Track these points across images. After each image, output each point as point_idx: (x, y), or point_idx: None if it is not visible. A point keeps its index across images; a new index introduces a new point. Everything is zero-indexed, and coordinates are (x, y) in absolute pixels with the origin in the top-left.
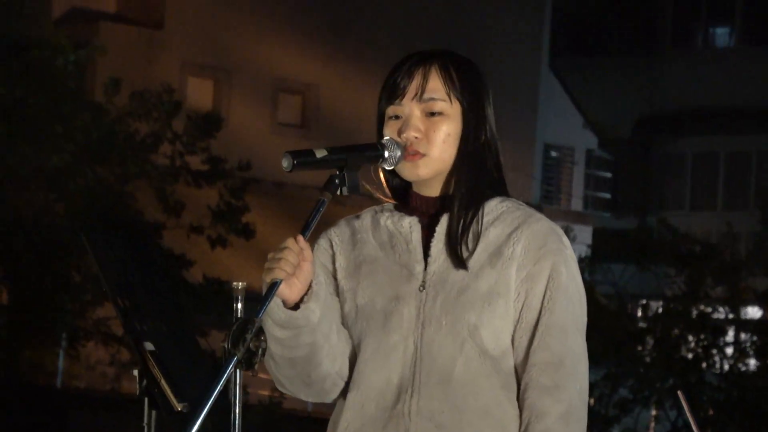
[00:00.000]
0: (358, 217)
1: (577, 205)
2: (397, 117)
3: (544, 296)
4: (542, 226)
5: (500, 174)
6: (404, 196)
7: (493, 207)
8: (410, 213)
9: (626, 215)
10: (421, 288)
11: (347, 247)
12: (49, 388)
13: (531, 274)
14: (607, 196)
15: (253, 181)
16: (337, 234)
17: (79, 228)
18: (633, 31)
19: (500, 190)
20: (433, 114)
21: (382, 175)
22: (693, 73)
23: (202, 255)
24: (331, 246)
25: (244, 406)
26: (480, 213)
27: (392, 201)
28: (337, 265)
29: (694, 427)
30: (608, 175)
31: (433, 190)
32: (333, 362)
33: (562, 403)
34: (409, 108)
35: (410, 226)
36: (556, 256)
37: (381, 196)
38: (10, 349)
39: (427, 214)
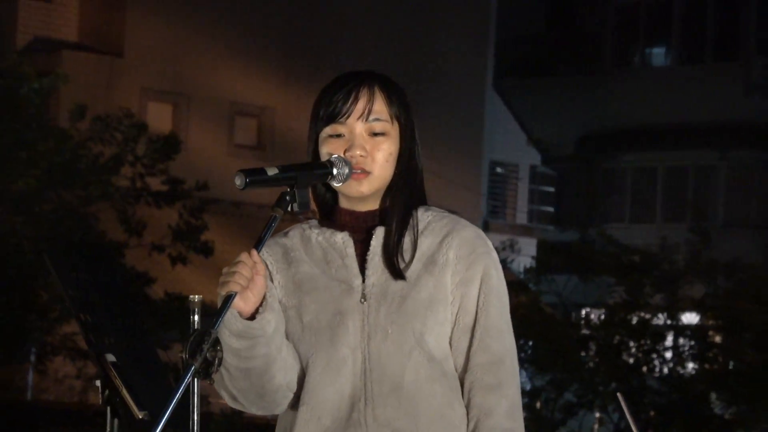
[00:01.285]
0: (286, 234)
1: (522, 218)
2: (338, 135)
3: (478, 299)
4: (470, 232)
5: (423, 187)
6: (330, 212)
7: (420, 217)
8: (339, 228)
9: (569, 228)
10: (362, 300)
11: (283, 266)
12: (20, 402)
13: (464, 279)
14: (551, 210)
15: (212, 201)
16: (270, 254)
17: (43, 250)
18: (574, 52)
19: (423, 201)
20: (375, 134)
21: (311, 191)
22: (632, 91)
23: (164, 272)
24: (267, 267)
25: (206, 416)
26: (413, 224)
27: (317, 217)
28: (276, 283)
29: (634, 429)
30: (552, 189)
31: (369, 206)
32: (285, 374)
33: (507, 399)
34: (353, 127)
35: (343, 241)
36: (485, 260)
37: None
38: None
39: (359, 228)
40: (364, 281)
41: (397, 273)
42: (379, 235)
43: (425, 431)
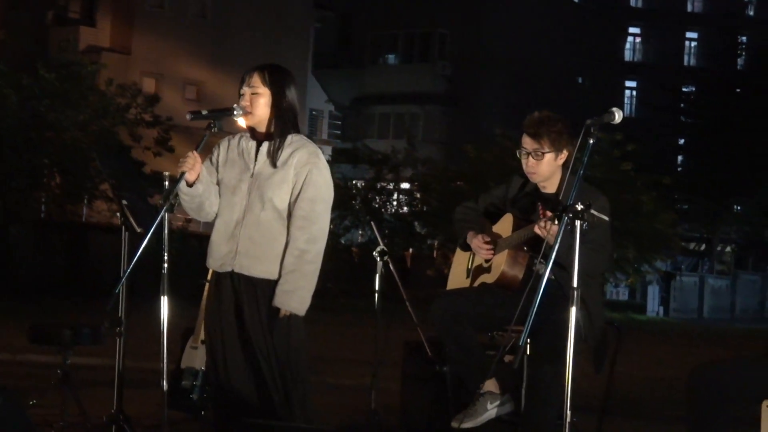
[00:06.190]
0: (232, 138)
1: (324, 137)
2: (242, 94)
3: (303, 183)
4: (308, 149)
5: (296, 122)
6: (252, 130)
7: (290, 139)
8: (251, 139)
9: (347, 142)
10: (251, 176)
11: (224, 152)
12: (78, 222)
13: (299, 172)
14: (339, 132)
15: (174, 126)
16: (222, 146)
17: (92, 148)
18: (351, 55)
19: (295, 130)
20: (254, 93)
21: (242, 121)
22: (380, 77)
23: (151, 160)
24: (219, 148)
25: (170, 229)
26: (283, 141)
27: (246, 131)
28: (220, 160)
29: (379, 238)
30: (339, 123)
31: (264, 128)
32: (211, 205)
33: (306, 233)
34: (245, 90)
35: (251, 146)
36: (312, 164)
37: (243, 129)
38: (62, 204)
39: (259, 140)
40: (255, 167)
41: (273, 164)
42: (265, 145)
43: (266, 244)
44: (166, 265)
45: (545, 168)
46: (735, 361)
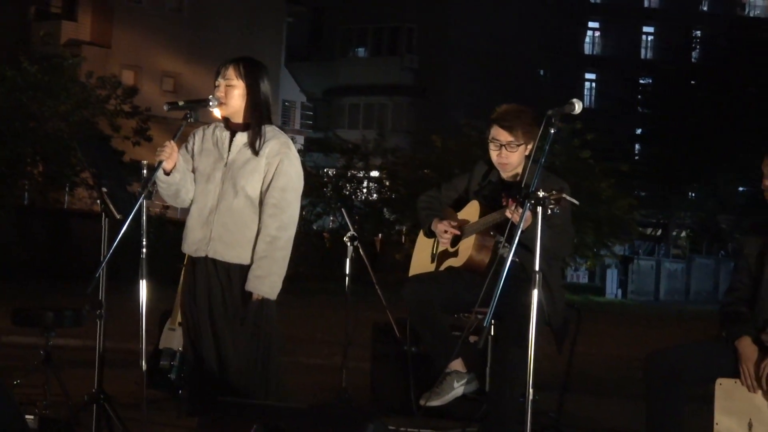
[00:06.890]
0: (207, 127)
1: (297, 126)
2: (217, 86)
3: (275, 173)
4: (280, 139)
5: (269, 113)
6: (226, 122)
7: (264, 130)
8: (225, 129)
9: (319, 131)
10: (225, 165)
11: (199, 141)
12: (60, 209)
13: (271, 162)
14: (311, 122)
15: (152, 116)
16: (198, 135)
17: (74, 138)
18: (322, 49)
19: (268, 120)
20: (229, 85)
21: (217, 112)
22: (347, 69)
23: (130, 149)
24: (194, 137)
25: (148, 215)
26: (261, 131)
27: (221, 121)
28: (195, 148)
29: (349, 224)
30: (311, 113)
31: (239, 119)
32: (186, 193)
33: (278, 221)
34: (220, 81)
35: (225, 136)
36: (283, 155)
37: (217, 120)
38: (45, 191)
39: (233, 131)
40: (228, 156)
41: (255, 153)
42: (239, 135)
43: (238, 230)
44: (144, 250)
45: (516, 159)
46: (689, 342)
